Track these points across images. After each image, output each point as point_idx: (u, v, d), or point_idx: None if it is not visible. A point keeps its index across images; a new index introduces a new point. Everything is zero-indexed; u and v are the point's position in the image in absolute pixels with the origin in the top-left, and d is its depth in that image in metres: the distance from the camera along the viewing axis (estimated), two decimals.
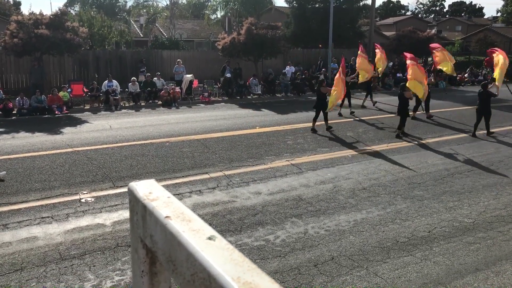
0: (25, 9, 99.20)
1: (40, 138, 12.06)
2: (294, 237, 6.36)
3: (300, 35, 29.63)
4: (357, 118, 15.43)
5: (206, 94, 19.46)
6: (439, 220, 6.97)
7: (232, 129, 13.28)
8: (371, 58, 21.08)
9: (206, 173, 9.15)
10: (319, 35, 28.12)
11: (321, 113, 12.94)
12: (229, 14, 34.10)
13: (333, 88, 12.82)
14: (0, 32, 17.23)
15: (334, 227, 6.69)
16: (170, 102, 17.98)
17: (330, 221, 6.89)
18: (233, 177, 8.93)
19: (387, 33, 39.15)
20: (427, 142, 12.04)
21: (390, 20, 57.87)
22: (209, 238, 0.64)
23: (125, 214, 7.00)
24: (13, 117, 15.13)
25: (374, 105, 17.83)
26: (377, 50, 18.25)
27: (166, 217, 0.72)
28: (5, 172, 8.83)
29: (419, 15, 77.59)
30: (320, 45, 28.47)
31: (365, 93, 18.30)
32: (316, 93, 13.58)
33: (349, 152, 10.90)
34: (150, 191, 0.84)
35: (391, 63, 26.89)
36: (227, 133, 12.78)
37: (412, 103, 13.79)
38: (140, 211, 0.80)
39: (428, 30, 33.45)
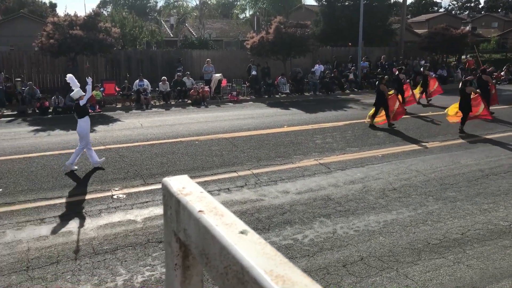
0: (60, 11, 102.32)
1: (74, 136, 12.40)
2: (323, 236, 6.32)
3: (330, 34, 29.39)
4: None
5: (234, 93, 19.58)
6: (473, 223, 6.77)
7: (260, 128, 13.31)
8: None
9: (235, 171, 9.21)
10: (348, 33, 27.81)
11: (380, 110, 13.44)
12: (258, 13, 34.18)
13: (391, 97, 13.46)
14: (37, 33, 17.83)
15: (364, 228, 6.60)
16: (200, 101, 18.18)
17: (359, 222, 6.81)
18: (261, 175, 8.95)
19: (419, 31, 38.26)
20: (460, 142, 11.72)
21: (422, 17, 56.58)
22: (242, 232, 0.65)
23: (155, 210, 7.13)
24: (49, 115, 15.65)
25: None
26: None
27: (200, 211, 0.73)
28: (104, 158, 9.58)
29: (453, 12, 75.51)
30: (350, 44, 28.15)
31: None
32: (376, 91, 14.01)
33: (379, 152, 10.73)
34: (183, 186, 0.85)
35: (422, 61, 26.32)
36: (255, 132, 12.82)
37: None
38: (174, 205, 0.82)
39: (462, 27, 32.52)
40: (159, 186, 8.25)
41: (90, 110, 15.91)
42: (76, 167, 9.14)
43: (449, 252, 5.87)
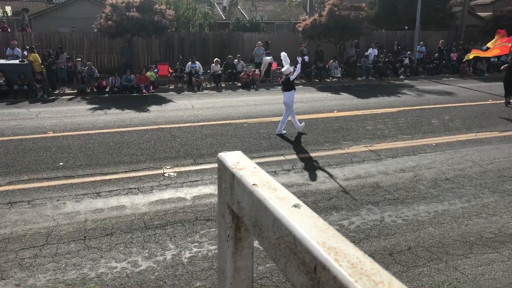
0: None
1: (129, 115, 12.92)
2: (370, 224, 6.24)
3: (385, 16, 28.33)
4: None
5: None
6: None
7: (309, 112, 13.20)
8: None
9: (282, 155, 9.23)
10: (405, 17, 26.68)
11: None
12: None
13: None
14: (96, 16, 18.51)
15: (413, 217, 6.44)
16: (249, 84, 18.25)
17: (408, 211, 6.65)
18: (308, 160, 8.91)
19: (482, 14, 36.04)
20: None
21: None
22: (295, 206, 0.67)
23: (204, 189, 7.32)
24: (106, 95, 16.32)
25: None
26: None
27: (253, 184, 0.76)
28: (303, 123, 10.93)
29: None
30: (406, 27, 27.05)
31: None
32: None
33: (433, 140, 10.35)
34: (238, 161, 0.88)
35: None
36: (304, 116, 12.73)
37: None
38: (229, 179, 0.85)
39: None
40: (208, 166, 8.45)
41: (144, 91, 16.51)
42: (284, 131, 10.79)
43: (504, 247, 5.62)
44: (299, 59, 11.32)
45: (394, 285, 0.47)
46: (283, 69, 10.88)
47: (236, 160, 0.89)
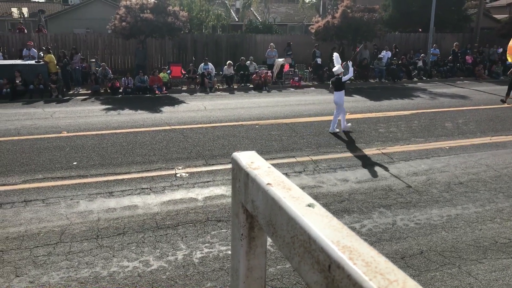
0: None
1: (142, 115, 13.03)
2: (382, 227, 6.20)
3: (399, 19, 28.13)
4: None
5: (296, 78, 19.45)
6: None
7: (321, 114, 13.16)
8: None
9: (293, 157, 9.22)
10: (419, 19, 26.45)
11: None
12: None
13: None
14: (111, 17, 18.72)
15: (425, 221, 6.39)
16: (261, 86, 18.27)
17: (421, 214, 6.59)
18: (320, 162, 8.89)
19: (498, 16, 35.58)
20: None
21: (503, 1, 52.47)
22: (309, 205, 0.68)
23: (215, 190, 7.35)
24: (119, 95, 16.48)
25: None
26: None
27: (268, 184, 0.76)
28: (350, 124, 11.26)
29: None
30: (420, 30, 26.83)
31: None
32: None
33: (447, 144, 10.25)
34: (252, 160, 0.89)
35: (500, 49, 24.53)
36: (316, 118, 12.71)
37: None
38: (243, 178, 0.86)
39: None
40: (220, 167, 8.48)
41: (157, 92, 16.63)
42: (337, 130, 11.10)
43: None
44: (350, 63, 11.60)
45: (409, 284, 0.47)
46: (334, 69, 11.14)
47: (250, 160, 0.89)
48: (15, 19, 31.58)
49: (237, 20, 36.53)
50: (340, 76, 10.98)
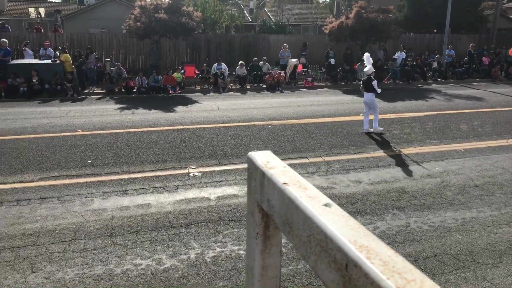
0: None
1: (155, 115, 13.13)
2: (395, 229, 6.15)
3: (414, 19, 27.87)
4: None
5: (309, 79, 19.40)
6: None
7: (334, 115, 13.11)
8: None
9: (306, 157, 9.20)
10: (434, 20, 26.17)
11: None
12: None
13: None
14: (126, 17, 18.89)
15: (439, 224, 6.32)
16: (274, 86, 18.27)
17: (435, 217, 6.52)
18: (333, 163, 8.86)
19: None
20: None
21: None
22: (325, 205, 0.68)
23: (228, 190, 7.37)
24: (133, 95, 16.63)
25: None
26: None
27: (284, 183, 0.77)
28: (382, 128, 11.16)
29: None
30: (435, 30, 26.54)
31: None
32: None
33: (462, 146, 10.12)
34: (268, 160, 0.90)
35: None
36: (329, 119, 12.66)
37: None
38: (259, 177, 0.86)
39: None
40: (232, 167, 8.50)
41: (170, 91, 16.73)
42: (381, 128, 11.19)
43: None
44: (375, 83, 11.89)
45: (426, 283, 0.47)
46: (365, 69, 11.26)
47: (266, 159, 0.90)
48: (32, 19, 32.07)
49: (250, 20, 36.58)
50: (371, 77, 11.06)
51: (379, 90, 11.32)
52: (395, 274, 0.49)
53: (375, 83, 11.11)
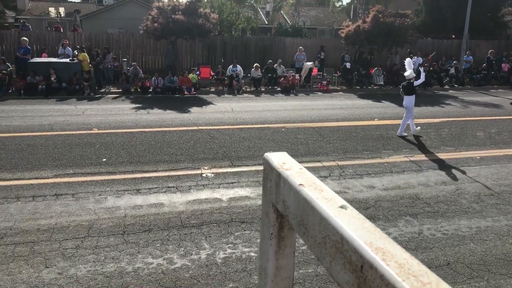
0: None
1: (170, 115, 13.23)
2: (407, 236, 6.09)
3: (431, 24, 27.60)
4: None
5: (324, 82, 19.34)
6: None
7: (349, 119, 13.04)
8: None
9: (319, 161, 9.17)
10: (452, 25, 25.89)
11: None
12: (355, 1, 33.18)
13: None
14: (143, 17, 19.09)
15: (453, 232, 6.24)
16: (289, 89, 18.26)
17: (448, 225, 6.44)
18: (346, 168, 8.81)
19: None
20: None
21: None
22: (341, 207, 0.68)
23: (240, 192, 7.38)
24: (149, 95, 16.78)
25: None
26: None
27: (300, 184, 0.77)
28: (419, 128, 11.43)
29: None
30: (453, 36, 26.24)
31: None
32: None
33: (478, 154, 9.98)
34: (284, 161, 0.90)
35: None
36: (343, 123, 12.60)
37: None
38: (274, 178, 0.87)
39: None
40: (245, 168, 8.51)
41: (185, 92, 16.84)
42: (405, 134, 11.32)
43: None
44: (422, 69, 12.40)
45: (442, 287, 0.47)
46: (406, 74, 11.36)
47: (282, 160, 0.91)
48: (52, 19, 32.62)
49: (266, 23, 36.65)
50: (411, 81, 11.21)
51: (423, 78, 12.03)
52: (411, 277, 0.49)
53: (417, 82, 11.61)
